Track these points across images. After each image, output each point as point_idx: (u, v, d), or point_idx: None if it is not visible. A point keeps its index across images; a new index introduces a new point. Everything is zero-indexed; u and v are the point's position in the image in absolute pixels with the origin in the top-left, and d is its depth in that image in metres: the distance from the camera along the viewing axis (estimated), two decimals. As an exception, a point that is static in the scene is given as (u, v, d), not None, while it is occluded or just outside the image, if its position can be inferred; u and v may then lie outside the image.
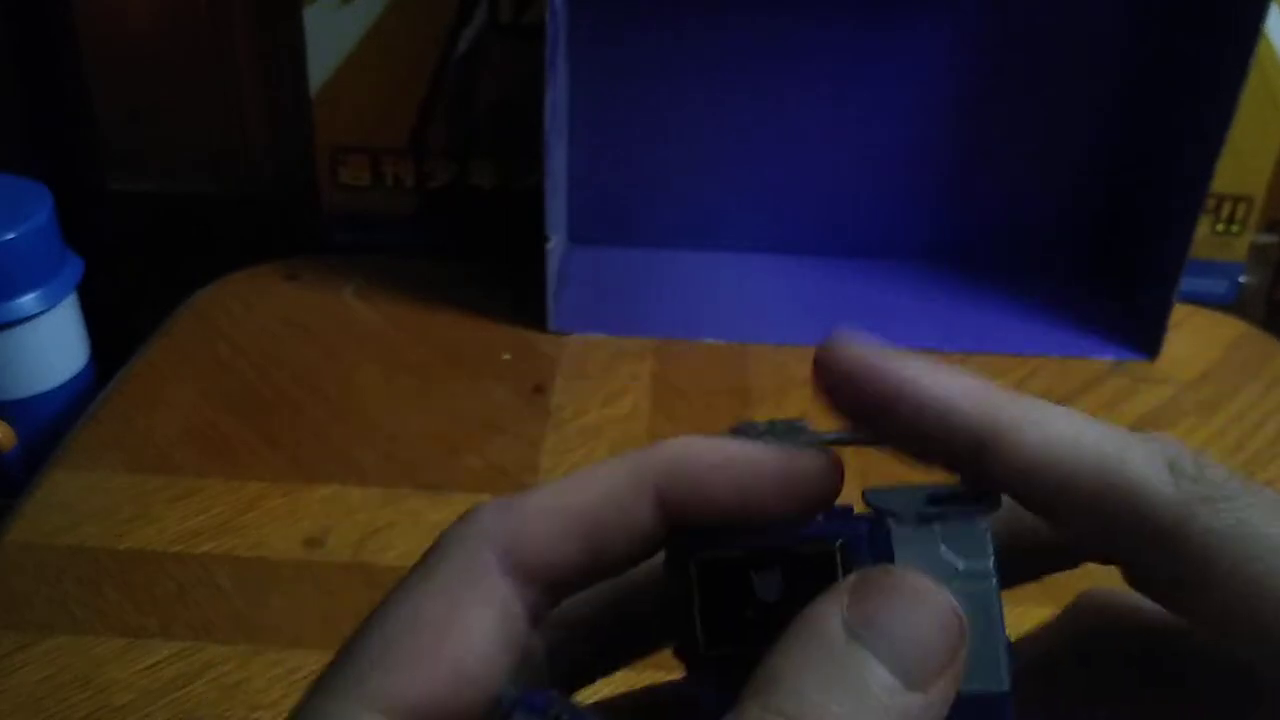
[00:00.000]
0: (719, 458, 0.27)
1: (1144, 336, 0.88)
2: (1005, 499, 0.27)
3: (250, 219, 1.04)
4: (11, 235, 0.80)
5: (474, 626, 0.26)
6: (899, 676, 0.23)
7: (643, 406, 0.81)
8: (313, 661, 0.61)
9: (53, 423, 0.84)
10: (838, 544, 0.26)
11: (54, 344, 0.84)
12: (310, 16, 0.90)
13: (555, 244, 0.87)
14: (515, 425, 0.79)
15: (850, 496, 0.28)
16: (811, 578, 0.25)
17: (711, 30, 0.89)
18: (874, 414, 0.28)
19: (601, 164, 0.94)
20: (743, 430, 0.29)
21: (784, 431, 0.29)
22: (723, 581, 0.26)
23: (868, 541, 0.26)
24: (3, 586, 0.65)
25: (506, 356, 0.85)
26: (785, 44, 0.89)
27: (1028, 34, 0.89)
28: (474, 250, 0.98)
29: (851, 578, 0.24)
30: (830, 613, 0.24)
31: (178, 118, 1.01)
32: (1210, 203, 0.92)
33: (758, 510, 0.27)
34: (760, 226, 0.96)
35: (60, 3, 0.95)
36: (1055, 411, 0.27)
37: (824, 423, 0.30)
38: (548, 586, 0.27)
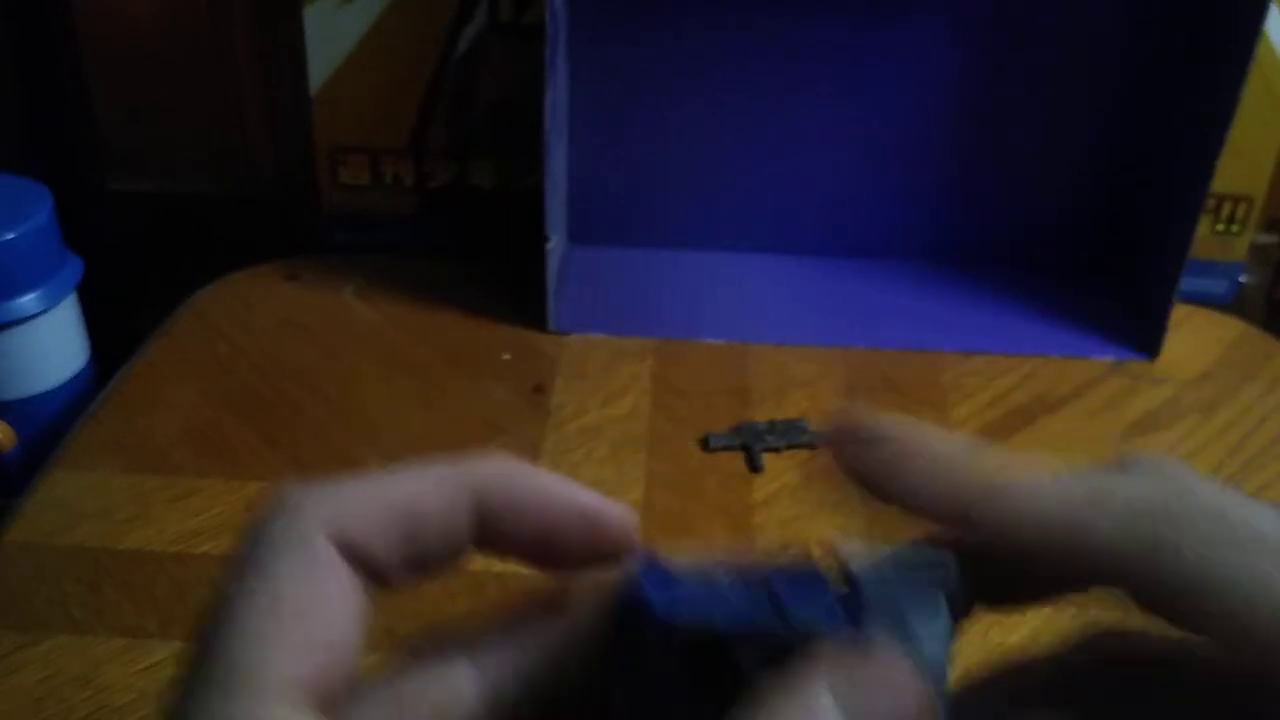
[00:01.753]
0: (537, 487, 0.29)
1: (1144, 336, 0.88)
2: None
3: (250, 219, 1.04)
4: (11, 235, 0.80)
5: (333, 605, 0.26)
6: None
7: (643, 406, 0.81)
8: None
9: (53, 422, 0.84)
10: (824, 624, 0.26)
11: (54, 344, 0.84)
12: (310, 16, 0.90)
13: (555, 244, 0.87)
14: (515, 425, 0.79)
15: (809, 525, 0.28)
16: (789, 644, 0.26)
17: (712, 30, 0.89)
18: (876, 488, 0.30)
19: (601, 164, 0.94)
20: (743, 430, 0.29)
21: (784, 431, 0.29)
22: (703, 654, 0.26)
23: (842, 609, 0.26)
24: (2, 586, 0.65)
25: (507, 356, 0.85)
26: (784, 44, 0.89)
27: (1028, 34, 0.89)
28: (474, 250, 0.98)
29: (834, 651, 0.25)
30: (818, 689, 0.24)
31: (178, 118, 1.01)
32: (1210, 203, 0.92)
33: (557, 548, 0.28)
34: (759, 226, 0.96)
35: (60, 3, 0.95)
36: (1025, 481, 0.28)
37: (821, 423, 0.30)
38: (372, 573, 0.27)
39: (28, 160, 0.99)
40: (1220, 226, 0.94)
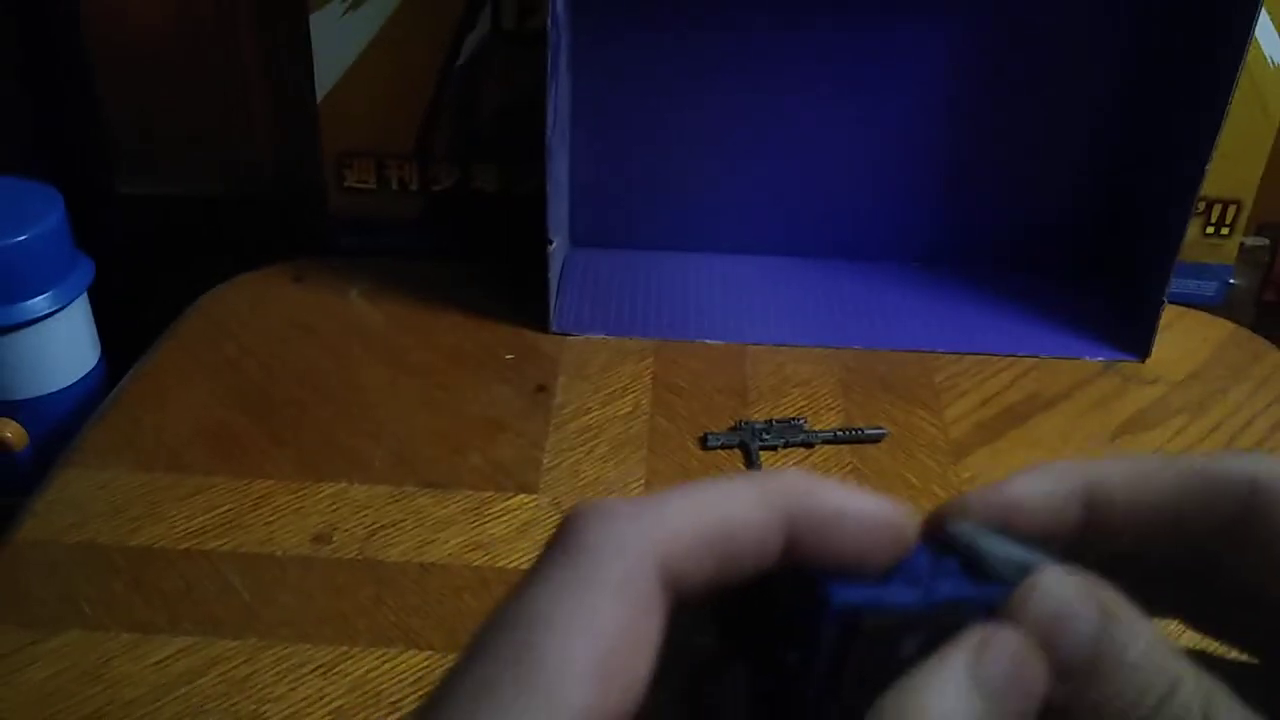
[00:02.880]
0: (840, 503, 0.27)
1: (1135, 337, 0.89)
2: None
3: (257, 221, 1.04)
4: (23, 237, 0.80)
5: (644, 647, 0.24)
6: None
7: (643, 406, 0.81)
8: (320, 656, 0.62)
9: (63, 422, 0.85)
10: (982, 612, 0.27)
11: (65, 344, 0.85)
12: (316, 23, 0.90)
13: (557, 246, 0.87)
14: (518, 424, 0.80)
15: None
16: (948, 633, 0.26)
17: (711, 35, 0.89)
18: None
19: (602, 168, 0.94)
20: (741, 429, 0.29)
21: (781, 430, 0.29)
22: (872, 640, 0.26)
23: (981, 601, 0.27)
24: (14, 583, 0.66)
25: (509, 357, 0.86)
26: (783, 48, 0.90)
27: (1020, 39, 0.89)
28: (477, 252, 0.99)
29: (976, 637, 0.26)
30: (958, 664, 0.25)
31: (186, 121, 1.01)
32: (1200, 206, 0.93)
33: (868, 560, 0.27)
34: (757, 229, 0.97)
35: (69, 8, 0.96)
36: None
37: (819, 422, 0.31)
38: (678, 594, 0.26)
39: (37, 163, 0.99)
40: (1210, 229, 0.95)
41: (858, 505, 0.27)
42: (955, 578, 0.27)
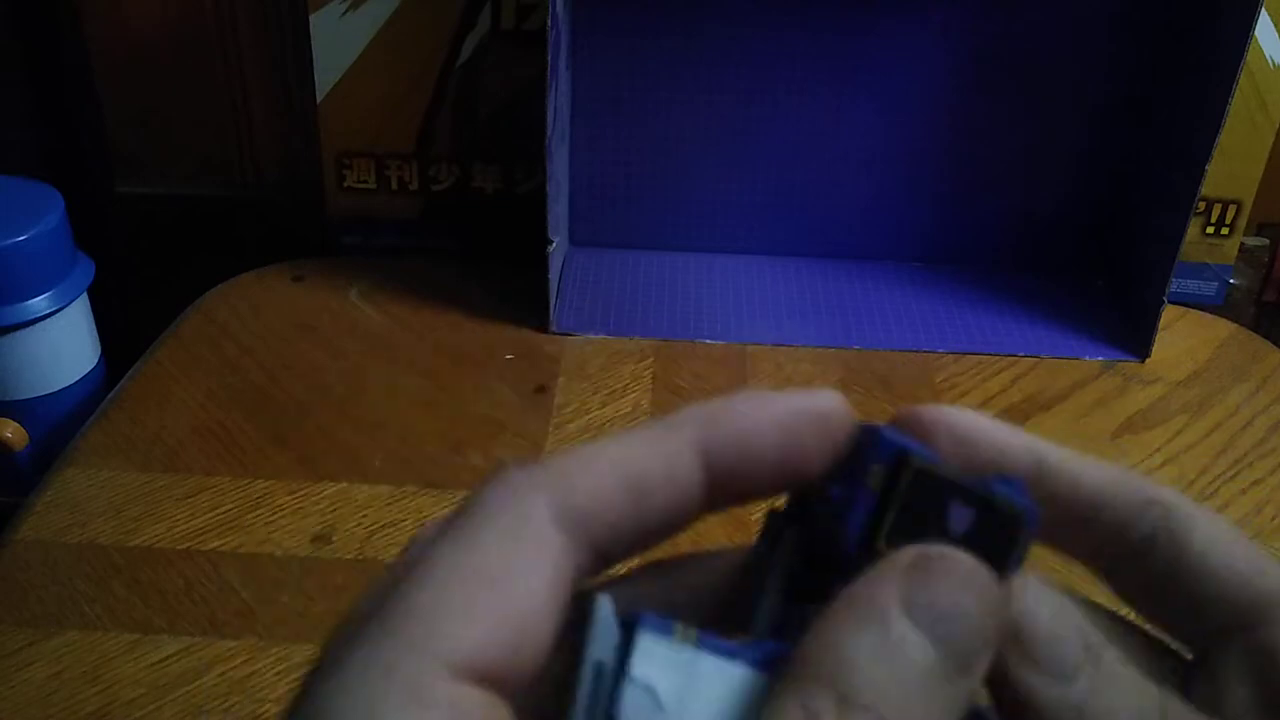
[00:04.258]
0: (754, 411, 0.26)
1: (1135, 337, 0.89)
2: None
3: (257, 221, 1.04)
4: (23, 237, 0.81)
5: (532, 579, 0.24)
6: (951, 660, 0.23)
7: (643, 406, 0.82)
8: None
9: (63, 422, 0.85)
10: (1023, 510, 0.26)
11: (65, 344, 0.85)
12: (316, 23, 0.90)
13: (557, 246, 0.88)
14: (518, 424, 0.80)
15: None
16: (996, 531, 0.25)
17: (711, 36, 0.89)
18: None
19: (602, 168, 0.95)
20: None
21: None
22: (918, 487, 0.25)
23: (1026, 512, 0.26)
24: (14, 583, 0.66)
25: (509, 357, 0.86)
26: (783, 49, 0.90)
27: (1021, 39, 0.89)
28: (477, 252, 0.99)
29: (909, 557, 0.24)
30: (889, 592, 0.23)
31: (186, 122, 1.02)
32: (1200, 206, 0.93)
33: (799, 453, 0.26)
34: (757, 229, 0.97)
35: (69, 10, 0.96)
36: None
37: None
38: (593, 546, 0.25)
39: (38, 163, 0.99)
40: (1210, 229, 0.95)
41: (771, 409, 0.26)
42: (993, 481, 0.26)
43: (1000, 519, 0.25)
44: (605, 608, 0.24)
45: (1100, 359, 0.88)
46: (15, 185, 0.85)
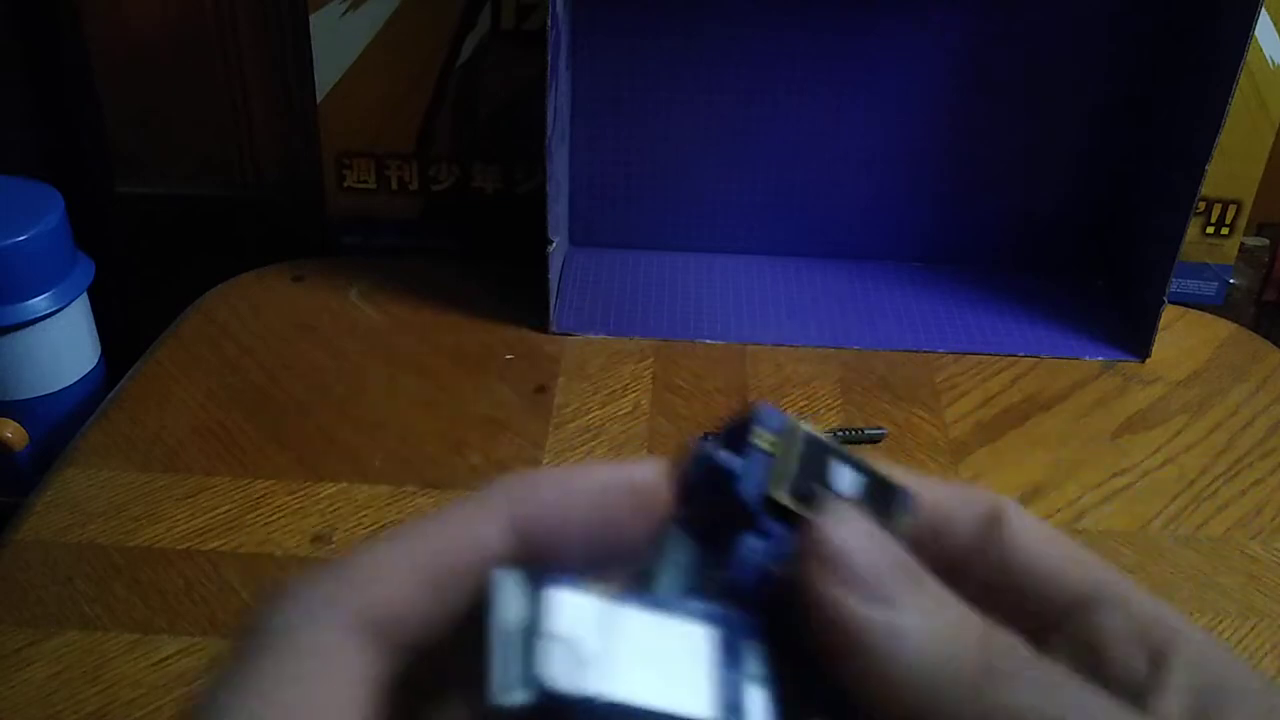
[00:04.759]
0: (567, 483, 0.27)
1: (1135, 337, 0.89)
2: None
3: (257, 221, 1.05)
4: (24, 237, 0.80)
5: (337, 706, 0.23)
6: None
7: (643, 406, 0.82)
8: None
9: (64, 422, 0.85)
10: (902, 485, 0.28)
11: (65, 344, 0.85)
12: (316, 23, 0.90)
13: (557, 246, 0.88)
14: (518, 424, 0.80)
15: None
16: (876, 498, 0.27)
17: (710, 36, 0.90)
18: None
19: (602, 168, 0.95)
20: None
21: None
22: (812, 459, 0.27)
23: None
24: (14, 583, 0.66)
25: (509, 357, 0.86)
26: (783, 49, 0.90)
27: (1021, 39, 0.89)
28: (477, 252, 0.99)
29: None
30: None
31: (186, 122, 1.02)
32: (1200, 206, 0.93)
33: (615, 526, 0.26)
34: (756, 229, 0.97)
35: (69, 11, 0.96)
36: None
37: (819, 422, 0.31)
38: (400, 645, 0.25)
39: (38, 163, 0.99)
40: (1210, 229, 0.95)
41: (583, 482, 0.26)
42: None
43: (880, 486, 0.27)
44: (506, 577, 0.24)
45: (1100, 359, 0.88)
46: (15, 185, 0.85)
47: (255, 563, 0.68)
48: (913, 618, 0.25)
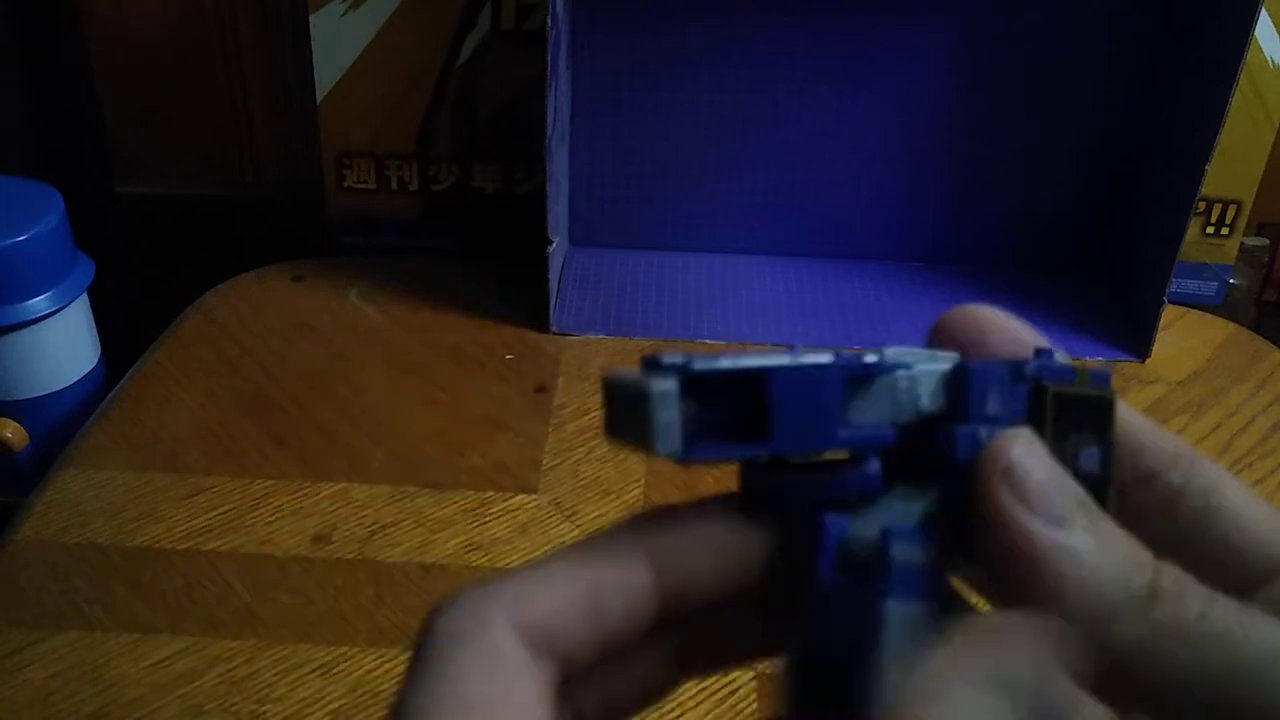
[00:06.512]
0: (703, 529, 0.27)
1: (1135, 337, 0.89)
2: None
3: (257, 221, 1.05)
4: (23, 237, 0.80)
5: (527, 705, 0.24)
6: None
7: (642, 406, 0.81)
8: (320, 656, 0.62)
9: (63, 422, 0.85)
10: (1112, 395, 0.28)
11: (65, 344, 0.85)
12: (316, 23, 0.90)
13: (557, 246, 0.88)
14: (518, 424, 0.80)
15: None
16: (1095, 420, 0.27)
17: (711, 36, 0.90)
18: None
19: (602, 168, 0.95)
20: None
21: None
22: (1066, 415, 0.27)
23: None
24: (13, 583, 0.66)
25: (509, 357, 0.86)
26: (783, 49, 0.90)
27: (1020, 38, 0.89)
28: (477, 252, 0.99)
29: (984, 624, 0.25)
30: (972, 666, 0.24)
31: (186, 122, 1.02)
32: (1200, 206, 0.93)
33: (733, 581, 0.27)
34: (757, 229, 0.97)
35: (69, 11, 0.96)
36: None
37: None
38: (558, 662, 0.25)
39: (38, 163, 0.99)
40: (1210, 229, 0.95)
41: (711, 539, 0.27)
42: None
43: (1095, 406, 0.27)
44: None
45: (1100, 359, 0.88)
46: (15, 185, 0.85)
47: (255, 563, 0.68)
48: (1086, 540, 0.25)
